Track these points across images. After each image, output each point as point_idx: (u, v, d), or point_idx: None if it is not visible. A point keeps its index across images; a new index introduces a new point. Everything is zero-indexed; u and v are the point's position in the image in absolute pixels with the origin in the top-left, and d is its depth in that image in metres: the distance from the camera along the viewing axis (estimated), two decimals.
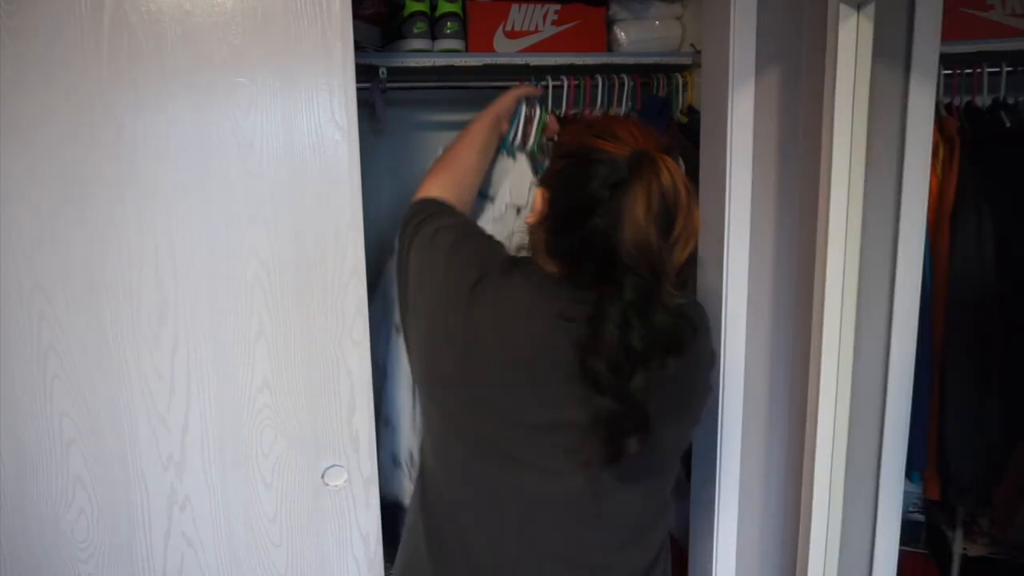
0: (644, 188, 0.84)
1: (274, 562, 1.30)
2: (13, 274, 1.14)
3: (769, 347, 1.45)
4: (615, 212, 0.86)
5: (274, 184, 1.19)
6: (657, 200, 0.83)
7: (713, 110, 1.46)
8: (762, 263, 1.42)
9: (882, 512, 1.28)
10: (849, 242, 1.16)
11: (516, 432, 0.94)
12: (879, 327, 1.24)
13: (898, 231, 1.22)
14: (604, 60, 1.76)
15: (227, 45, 1.14)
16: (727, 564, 1.55)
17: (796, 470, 1.36)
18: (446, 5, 1.67)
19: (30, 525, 1.21)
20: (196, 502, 1.26)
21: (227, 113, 1.16)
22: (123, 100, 1.13)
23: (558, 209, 0.94)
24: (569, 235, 0.91)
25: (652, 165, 0.85)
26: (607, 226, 0.86)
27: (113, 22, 1.10)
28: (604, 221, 0.87)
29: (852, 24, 1.10)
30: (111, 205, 1.15)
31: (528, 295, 0.95)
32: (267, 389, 1.24)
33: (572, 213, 0.91)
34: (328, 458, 1.28)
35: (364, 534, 1.32)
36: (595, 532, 0.97)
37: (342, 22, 1.16)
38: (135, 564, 1.26)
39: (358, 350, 1.26)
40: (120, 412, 1.21)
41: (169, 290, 1.19)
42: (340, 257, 1.23)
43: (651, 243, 0.83)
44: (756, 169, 1.40)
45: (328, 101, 1.18)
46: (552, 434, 0.93)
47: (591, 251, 0.89)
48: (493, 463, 0.96)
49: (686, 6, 1.84)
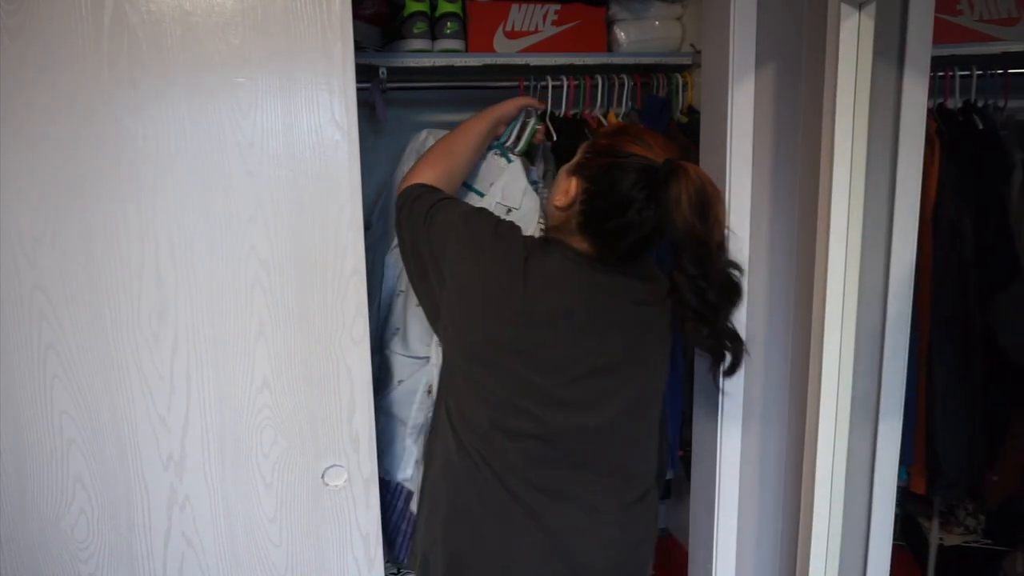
0: (684, 189, 1.06)
1: (274, 562, 1.30)
2: (13, 274, 1.14)
3: (769, 346, 1.45)
4: (653, 209, 1.10)
5: (274, 184, 1.19)
6: (695, 197, 1.06)
7: (713, 110, 1.46)
8: (762, 262, 1.42)
9: (876, 509, 1.28)
10: (850, 241, 1.16)
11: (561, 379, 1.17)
12: (875, 325, 1.24)
13: (892, 229, 1.22)
14: (604, 60, 1.76)
15: (227, 45, 1.14)
16: (727, 564, 1.55)
17: (796, 470, 1.36)
18: (446, 5, 1.67)
19: (30, 525, 1.21)
20: (196, 502, 1.26)
21: (227, 113, 1.16)
22: (123, 100, 1.13)
23: (596, 199, 1.15)
24: (606, 220, 1.13)
25: (684, 171, 1.08)
26: (643, 219, 1.11)
27: (113, 22, 1.10)
28: (640, 215, 1.10)
29: (853, 23, 1.10)
30: (111, 205, 1.15)
31: (569, 266, 1.17)
32: (267, 389, 1.24)
33: (611, 203, 1.12)
34: (328, 458, 1.28)
35: (364, 534, 1.32)
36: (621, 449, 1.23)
37: (342, 22, 1.16)
38: (135, 564, 1.26)
39: (358, 350, 1.26)
40: (120, 412, 1.21)
41: (169, 290, 1.19)
42: (340, 257, 1.23)
43: (696, 228, 1.06)
44: (756, 168, 1.40)
45: (328, 101, 1.18)
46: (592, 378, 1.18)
47: (626, 235, 1.13)
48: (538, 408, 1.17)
49: (686, 6, 1.84)
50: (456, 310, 1.19)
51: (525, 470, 1.18)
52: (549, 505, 1.19)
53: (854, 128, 1.12)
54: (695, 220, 1.06)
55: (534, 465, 1.18)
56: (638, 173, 1.11)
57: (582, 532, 1.21)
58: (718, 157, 1.44)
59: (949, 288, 1.63)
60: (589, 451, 1.20)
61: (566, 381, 1.17)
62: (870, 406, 1.26)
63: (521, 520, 1.19)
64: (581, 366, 1.17)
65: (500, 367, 1.18)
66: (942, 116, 1.69)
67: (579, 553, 1.21)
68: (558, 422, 1.18)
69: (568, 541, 1.20)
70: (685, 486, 1.86)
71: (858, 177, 1.14)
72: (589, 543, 1.21)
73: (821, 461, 1.21)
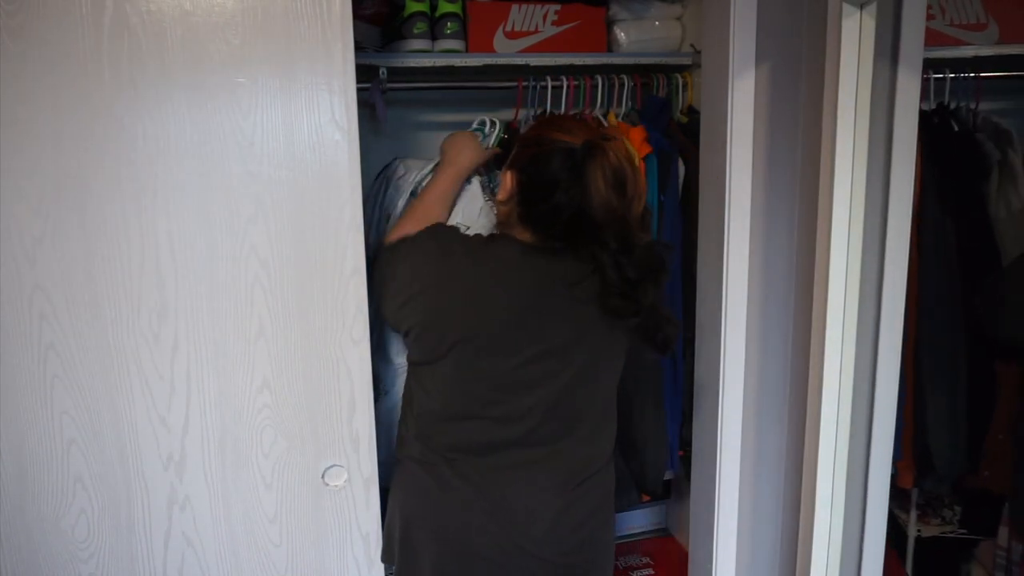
0: (600, 166, 1.14)
1: (274, 562, 1.30)
2: (13, 274, 1.14)
3: (769, 346, 1.45)
4: (579, 188, 1.15)
5: (274, 184, 1.19)
6: (611, 173, 1.14)
7: (713, 110, 1.46)
8: (761, 260, 1.43)
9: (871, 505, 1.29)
10: (851, 241, 1.16)
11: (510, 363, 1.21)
12: (869, 323, 1.24)
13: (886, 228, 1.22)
14: (604, 60, 1.76)
15: (227, 45, 1.14)
16: (727, 564, 1.55)
17: (796, 469, 1.36)
18: (446, 5, 1.67)
19: (30, 525, 1.21)
20: (196, 502, 1.26)
21: (227, 113, 1.16)
22: (123, 100, 1.13)
23: (527, 187, 1.21)
24: (539, 206, 1.19)
25: (601, 149, 1.15)
26: (571, 199, 1.15)
27: (113, 22, 1.11)
28: (567, 196, 1.15)
29: (854, 22, 1.10)
30: (111, 205, 1.15)
31: (513, 255, 1.22)
32: (267, 389, 1.24)
33: (540, 189, 1.18)
34: (328, 458, 1.28)
35: (364, 534, 1.32)
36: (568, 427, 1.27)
37: (342, 22, 1.16)
38: (135, 564, 1.26)
39: (358, 350, 1.26)
40: (120, 412, 1.21)
41: (169, 290, 1.19)
42: (340, 257, 1.23)
43: (614, 204, 1.14)
44: (756, 168, 1.41)
45: (328, 101, 1.18)
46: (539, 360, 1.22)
47: (559, 218, 1.16)
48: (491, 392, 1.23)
49: (686, 6, 1.84)
50: (411, 320, 1.24)
51: (476, 451, 1.24)
52: (495, 480, 1.25)
53: (855, 128, 1.12)
54: (612, 195, 1.13)
55: (483, 445, 1.24)
56: (560, 157, 1.17)
57: (525, 505, 1.25)
58: (718, 157, 1.44)
59: (934, 284, 1.66)
60: (536, 431, 1.24)
61: (516, 365, 1.21)
62: (865, 405, 1.27)
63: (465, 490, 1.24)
64: (529, 350, 1.21)
65: (459, 357, 1.22)
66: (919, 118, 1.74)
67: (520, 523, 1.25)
68: (509, 404, 1.23)
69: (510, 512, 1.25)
70: (685, 486, 1.86)
71: (859, 177, 1.14)
72: (533, 516, 1.26)
73: (822, 461, 1.21)
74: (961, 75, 1.75)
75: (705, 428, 1.56)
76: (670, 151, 1.69)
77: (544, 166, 1.18)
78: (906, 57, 1.16)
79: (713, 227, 1.49)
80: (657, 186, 1.69)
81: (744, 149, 1.39)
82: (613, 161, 1.15)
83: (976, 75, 1.75)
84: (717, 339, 1.49)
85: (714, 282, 1.49)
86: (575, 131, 1.20)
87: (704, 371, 1.58)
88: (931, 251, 1.66)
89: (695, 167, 1.61)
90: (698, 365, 1.61)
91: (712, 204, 1.49)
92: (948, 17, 1.80)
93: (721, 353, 1.48)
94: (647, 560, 2.03)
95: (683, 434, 1.77)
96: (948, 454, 1.70)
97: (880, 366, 1.25)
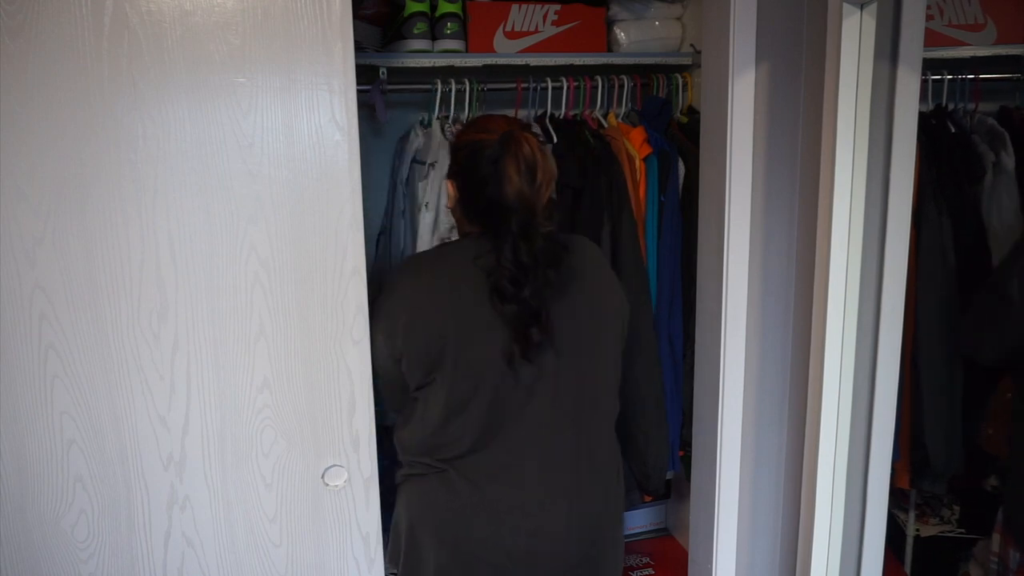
0: (513, 156, 1.19)
1: (274, 562, 1.30)
2: (13, 274, 1.14)
3: (769, 346, 1.45)
4: (498, 178, 1.20)
5: (274, 184, 1.19)
6: (523, 162, 1.19)
7: (713, 110, 1.46)
8: (761, 259, 1.43)
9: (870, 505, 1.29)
10: (851, 241, 1.16)
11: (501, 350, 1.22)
12: (869, 323, 1.24)
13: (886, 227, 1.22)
14: (604, 60, 1.76)
15: (227, 45, 1.14)
16: (727, 564, 1.55)
17: (796, 469, 1.36)
18: (446, 5, 1.67)
19: (30, 525, 1.21)
20: (196, 502, 1.26)
21: (227, 113, 1.16)
22: (123, 100, 1.13)
23: (464, 189, 1.28)
24: (476, 203, 1.26)
25: (515, 140, 1.20)
26: (497, 190, 1.20)
27: (113, 22, 1.10)
28: (494, 188, 1.21)
29: (854, 22, 1.10)
30: (111, 205, 1.15)
31: (461, 252, 1.28)
32: (267, 389, 1.24)
33: (474, 188, 1.25)
34: (328, 458, 1.28)
35: (364, 534, 1.32)
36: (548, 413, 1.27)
37: (342, 22, 1.16)
38: (135, 564, 1.26)
39: (358, 350, 1.26)
40: (120, 412, 1.21)
41: (169, 290, 1.19)
42: (340, 257, 1.23)
43: (524, 191, 1.19)
44: (756, 168, 1.41)
45: (328, 101, 1.18)
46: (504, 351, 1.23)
47: (494, 208, 1.21)
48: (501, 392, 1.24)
49: (686, 6, 1.84)
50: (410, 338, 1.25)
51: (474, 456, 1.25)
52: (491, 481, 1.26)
53: (855, 128, 1.12)
54: (523, 184, 1.19)
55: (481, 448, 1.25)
56: (483, 154, 1.23)
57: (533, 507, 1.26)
58: (718, 157, 1.44)
59: (931, 285, 1.67)
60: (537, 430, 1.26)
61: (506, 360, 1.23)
62: (865, 405, 1.27)
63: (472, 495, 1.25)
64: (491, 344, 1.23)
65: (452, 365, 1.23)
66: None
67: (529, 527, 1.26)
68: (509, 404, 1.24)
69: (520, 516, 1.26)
70: (685, 486, 1.86)
71: (858, 177, 1.14)
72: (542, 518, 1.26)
73: (821, 461, 1.22)
74: (959, 77, 1.75)
75: (705, 428, 1.56)
76: (670, 151, 1.69)
77: (472, 167, 1.24)
78: (906, 57, 1.16)
79: (713, 227, 1.49)
80: (657, 186, 1.69)
81: (744, 149, 1.39)
82: (526, 151, 1.20)
83: (975, 76, 1.76)
84: (717, 339, 1.49)
85: (714, 282, 1.49)
86: (492, 128, 1.25)
87: (704, 371, 1.58)
88: (928, 252, 1.67)
89: (695, 167, 1.61)
90: (698, 365, 1.61)
91: (712, 204, 1.49)
92: (946, 18, 1.80)
93: (721, 353, 1.48)
94: (647, 560, 2.03)
95: (683, 434, 1.77)
96: (945, 454, 1.71)
97: (880, 366, 1.25)
